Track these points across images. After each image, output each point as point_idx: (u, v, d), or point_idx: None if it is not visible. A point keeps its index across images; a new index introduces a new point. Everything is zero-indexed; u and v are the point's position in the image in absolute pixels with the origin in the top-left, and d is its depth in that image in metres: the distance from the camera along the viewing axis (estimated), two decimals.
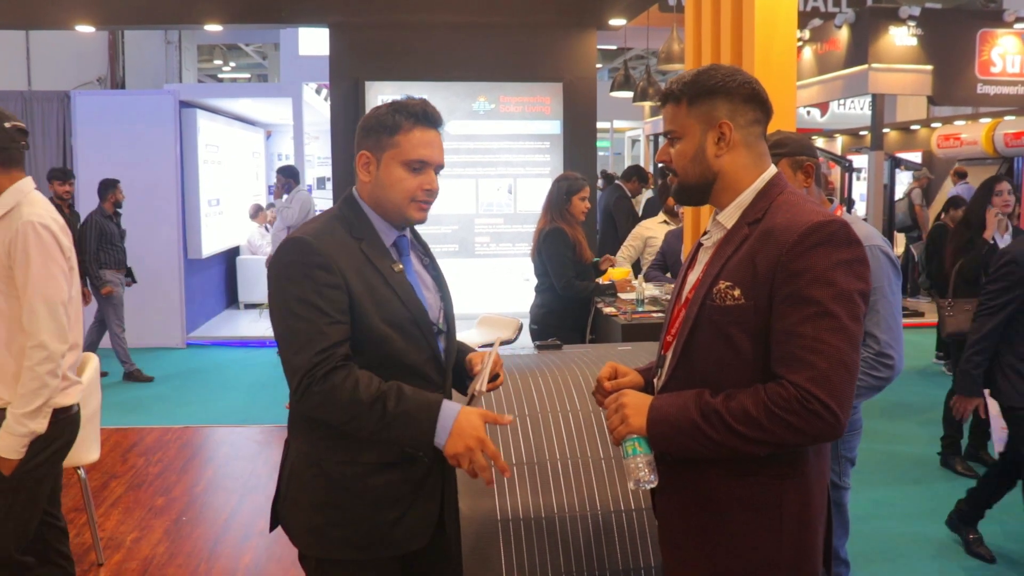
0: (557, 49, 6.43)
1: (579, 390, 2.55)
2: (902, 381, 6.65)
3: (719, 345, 1.57)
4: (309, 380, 1.70)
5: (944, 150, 12.06)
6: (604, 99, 9.05)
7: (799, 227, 1.50)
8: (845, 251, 1.50)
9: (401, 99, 1.91)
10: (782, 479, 1.56)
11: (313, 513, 1.84)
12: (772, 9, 3.13)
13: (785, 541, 1.57)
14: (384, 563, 1.88)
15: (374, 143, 1.86)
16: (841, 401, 1.45)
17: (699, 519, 1.61)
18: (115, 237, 6.81)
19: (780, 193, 1.61)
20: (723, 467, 1.56)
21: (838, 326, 1.47)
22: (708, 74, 1.63)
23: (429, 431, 1.73)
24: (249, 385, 6.80)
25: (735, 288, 1.55)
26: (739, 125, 1.61)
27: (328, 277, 1.75)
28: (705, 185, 1.65)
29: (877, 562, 3.71)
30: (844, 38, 9.30)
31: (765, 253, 1.53)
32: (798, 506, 1.57)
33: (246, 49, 18.92)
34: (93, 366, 3.71)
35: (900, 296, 2.49)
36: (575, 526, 2.27)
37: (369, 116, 1.89)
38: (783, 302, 1.50)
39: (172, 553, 3.74)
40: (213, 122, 8.96)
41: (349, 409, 1.71)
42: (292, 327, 1.74)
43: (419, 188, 1.86)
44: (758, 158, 1.64)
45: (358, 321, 1.78)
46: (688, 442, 1.54)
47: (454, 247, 6.39)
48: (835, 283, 1.47)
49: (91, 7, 6.33)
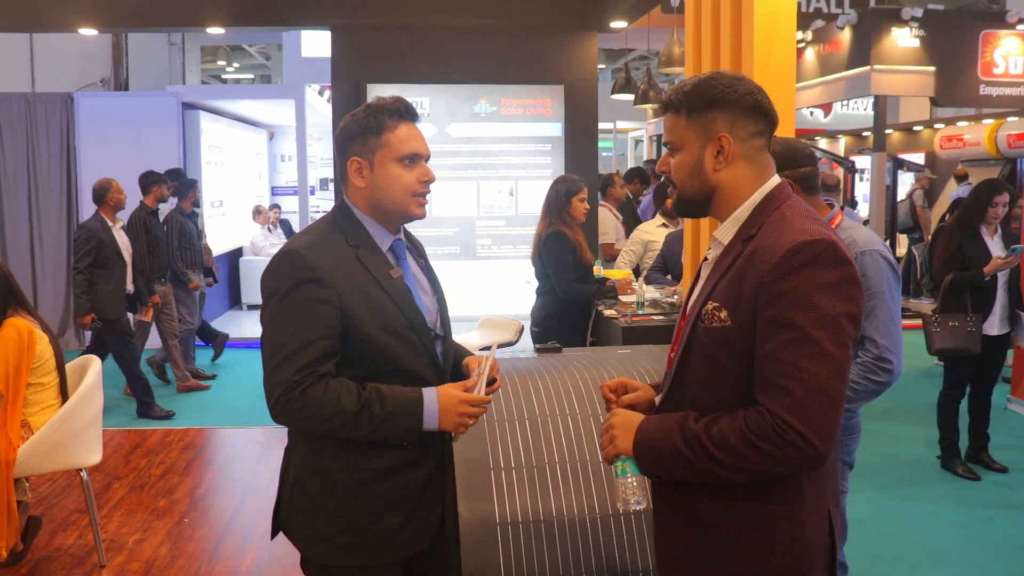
0: (558, 51, 6.44)
1: (578, 394, 2.56)
2: (903, 383, 6.65)
3: (708, 367, 1.54)
4: (287, 397, 1.73)
5: (947, 151, 12.04)
6: (607, 100, 9.05)
7: (783, 247, 1.44)
8: (831, 272, 1.43)
9: (372, 101, 1.91)
10: (772, 504, 1.51)
11: (320, 521, 1.86)
12: (771, 12, 3.14)
13: (776, 568, 1.53)
14: (388, 567, 1.90)
15: (362, 147, 1.86)
16: (820, 430, 1.40)
17: (691, 541, 1.59)
18: (193, 236, 6.83)
19: (778, 207, 1.54)
20: (714, 490, 1.53)
21: (818, 352, 1.40)
22: (708, 84, 1.57)
23: (418, 424, 1.80)
24: (251, 386, 6.81)
25: (722, 310, 1.51)
26: (739, 138, 1.56)
27: (320, 292, 1.76)
28: (703, 199, 1.61)
29: (876, 565, 3.71)
30: (846, 39, 9.29)
31: (751, 273, 1.47)
32: (789, 533, 1.52)
33: (249, 50, 18.94)
34: (95, 369, 3.73)
35: (899, 301, 2.49)
36: (574, 529, 2.27)
37: (348, 123, 1.88)
38: (764, 326, 1.44)
39: (174, 555, 3.75)
40: (216, 123, 8.98)
41: (335, 419, 1.74)
42: (277, 341, 1.76)
43: (417, 181, 1.87)
44: (760, 171, 1.58)
45: (355, 331, 1.79)
46: (671, 466, 1.52)
47: (455, 249, 6.39)
48: (818, 307, 1.41)
49: (94, 10, 6.35)
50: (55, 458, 3.51)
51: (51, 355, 3.59)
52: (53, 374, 3.61)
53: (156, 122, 7.98)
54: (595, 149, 6.76)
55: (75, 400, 3.54)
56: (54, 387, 3.61)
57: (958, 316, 4.57)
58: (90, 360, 3.82)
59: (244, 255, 10.24)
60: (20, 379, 3.44)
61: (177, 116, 8.02)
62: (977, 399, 4.89)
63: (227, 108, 9.58)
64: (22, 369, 3.44)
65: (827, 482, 1.58)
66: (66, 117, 7.91)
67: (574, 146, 6.45)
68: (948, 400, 4.82)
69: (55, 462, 3.53)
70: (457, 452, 2.34)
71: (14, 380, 3.42)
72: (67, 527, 3.98)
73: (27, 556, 3.63)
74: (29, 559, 3.63)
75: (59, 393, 3.64)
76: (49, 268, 8.02)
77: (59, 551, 3.74)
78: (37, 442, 3.43)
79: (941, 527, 4.03)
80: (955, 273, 4.59)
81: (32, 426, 3.49)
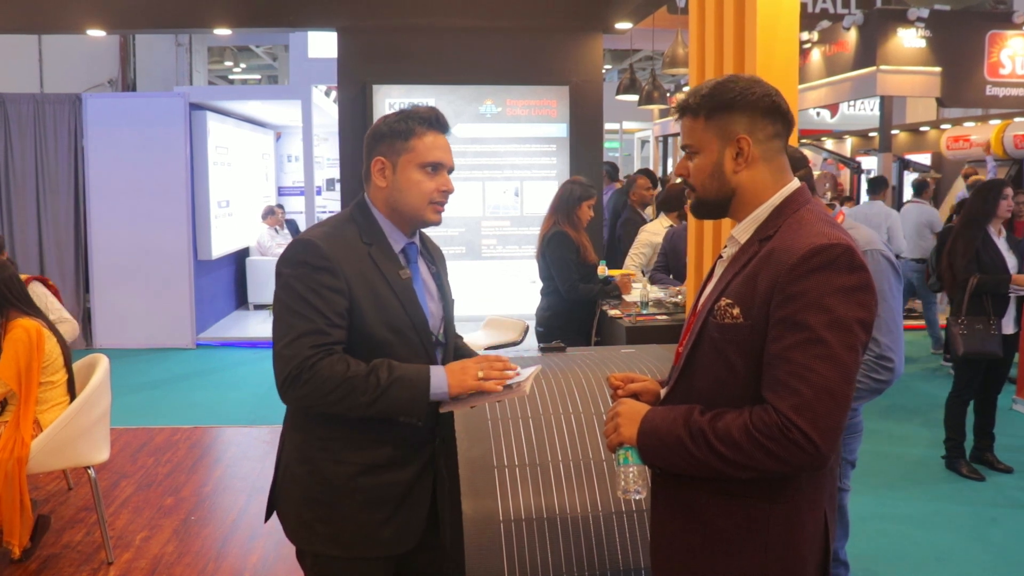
0: (563, 52, 6.45)
1: (582, 392, 2.58)
2: (906, 383, 6.64)
3: (717, 363, 1.55)
4: (299, 370, 1.75)
5: (953, 152, 12.01)
6: (613, 101, 9.05)
7: (800, 249, 1.45)
8: (846, 277, 1.44)
9: (409, 107, 1.97)
10: (769, 503, 1.52)
11: (303, 508, 1.90)
12: (774, 13, 3.15)
13: (770, 566, 1.53)
14: (376, 562, 1.93)
15: (388, 148, 1.91)
16: (824, 432, 1.41)
17: (687, 535, 1.60)
18: None
19: (796, 210, 1.55)
20: (714, 485, 1.54)
21: (828, 354, 1.41)
22: (726, 87, 1.57)
23: (425, 390, 1.80)
24: (258, 386, 6.85)
25: (735, 307, 1.52)
26: (758, 140, 1.57)
27: (331, 280, 1.80)
28: (723, 201, 1.61)
29: (879, 565, 3.72)
30: (852, 40, 9.29)
31: (766, 273, 1.49)
32: (785, 532, 1.53)
33: (256, 51, 19.02)
34: (103, 367, 3.76)
35: (901, 300, 2.50)
36: (577, 527, 2.29)
37: (380, 124, 1.94)
38: (777, 325, 1.46)
39: (181, 552, 3.78)
40: (223, 124, 9.01)
41: (344, 385, 1.75)
42: (289, 322, 1.79)
43: (436, 190, 1.91)
44: (778, 173, 1.60)
45: (358, 325, 1.83)
46: (674, 458, 1.53)
47: (461, 249, 6.42)
48: (831, 309, 1.42)
49: (102, 11, 6.39)
50: (63, 456, 3.54)
51: (59, 354, 3.63)
52: (62, 372, 3.65)
53: (163, 123, 8.02)
54: (600, 150, 6.77)
55: (83, 398, 3.57)
56: (62, 385, 3.65)
57: (981, 319, 4.57)
58: (98, 359, 3.85)
59: (251, 255, 10.28)
60: (32, 378, 3.48)
61: (184, 117, 8.06)
62: (984, 399, 4.88)
63: (234, 109, 9.61)
64: (33, 368, 3.48)
65: (826, 484, 1.59)
66: (74, 118, 7.95)
67: (579, 147, 6.47)
68: (958, 401, 4.81)
69: (63, 460, 3.56)
70: (461, 450, 2.36)
71: (26, 379, 3.46)
72: (75, 524, 4.01)
73: (36, 553, 3.66)
74: (38, 556, 3.66)
75: (67, 391, 3.68)
76: (57, 268, 8.06)
77: (67, 548, 3.77)
78: (46, 440, 3.47)
79: (945, 527, 4.03)
80: (981, 276, 4.58)
81: (41, 424, 3.53)
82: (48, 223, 8.04)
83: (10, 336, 3.48)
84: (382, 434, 1.88)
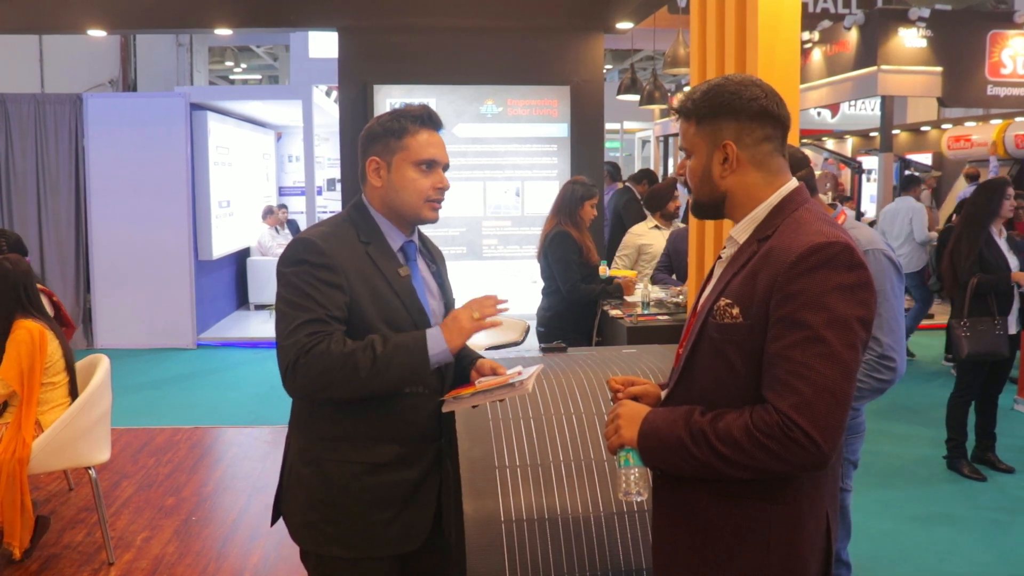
0: (564, 52, 6.45)
1: (583, 393, 2.57)
2: (909, 383, 6.64)
3: (717, 363, 1.55)
4: (297, 356, 1.75)
5: (954, 151, 12.01)
6: (614, 101, 9.04)
7: (798, 248, 1.45)
8: (845, 275, 1.44)
9: (400, 107, 1.97)
10: (770, 504, 1.52)
11: (308, 509, 1.90)
12: (775, 13, 3.14)
13: (771, 567, 1.53)
14: (382, 562, 1.93)
15: (382, 148, 1.92)
16: (825, 431, 1.40)
17: (689, 535, 1.60)
18: None
19: (795, 210, 1.55)
20: (715, 486, 1.54)
21: (828, 352, 1.41)
22: (715, 91, 1.58)
23: (424, 350, 1.80)
24: (259, 386, 6.85)
25: (734, 306, 1.52)
26: (745, 144, 1.57)
27: (330, 276, 1.81)
28: (716, 203, 1.63)
29: (881, 565, 3.72)
30: (853, 39, 9.28)
31: (765, 273, 1.48)
32: (786, 533, 1.53)
33: (257, 51, 19.02)
34: (104, 368, 3.76)
35: (903, 299, 2.50)
36: (579, 527, 2.28)
37: (373, 124, 1.96)
38: (776, 325, 1.45)
39: (182, 552, 3.77)
40: (224, 124, 9.02)
41: (343, 362, 1.75)
42: (290, 316, 1.79)
43: (432, 187, 1.93)
44: (771, 175, 1.59)
45: (358, 322, 1.83)
46: (675, 459, 1.53)
47: (462, 249, 6.41)
48: (830, 308, 1.42)
49: (103, 12, 6.39)
50: (64, 456, 3.54)
51: (61, 355, 3.64)
52: (63, 373, 3.65)
53: (164, 122, 8.02)
54: (601, 150, 6.76)
55: (84, 399, 3.57)
56: (64, 386, 3.66)
57: (985, 320, 4.56)
58: (99, 359, 3.85)
59: (251, 255, 10.28)
60: (34, 379, 3.48)
61: (185, 117, 8.06)
62: (986, 399, 4.88)
63: (235, 109, 9.62)
64: (35, 369, 3.48)
65: (827, 484, 1.59)
66: (75, 118, 7.95)
67: (580, 147, 6.46)
68: (960, 402, 4.80)
69: (64, 460, 3.56)
70: (462, 450, 2.36)
71: (28, 380, 3.46)
72: (76, 525, 4.01)
73: (36, 554, 3.66)
74: (38, 556, 3.66)
75: (69, 392, 3.68)
76: (57, 268, 8.06)
77: (68, 548, 3.77)
78: (46, 440, 3.47)
79: (947, 527, 4.02)
80: (981, 276, 4.57)
81: (42, 424, 3.53)
82: (49, 223, 8.04)
83: (13, 337, 3.49)
84: (386, 433, 1.88)
